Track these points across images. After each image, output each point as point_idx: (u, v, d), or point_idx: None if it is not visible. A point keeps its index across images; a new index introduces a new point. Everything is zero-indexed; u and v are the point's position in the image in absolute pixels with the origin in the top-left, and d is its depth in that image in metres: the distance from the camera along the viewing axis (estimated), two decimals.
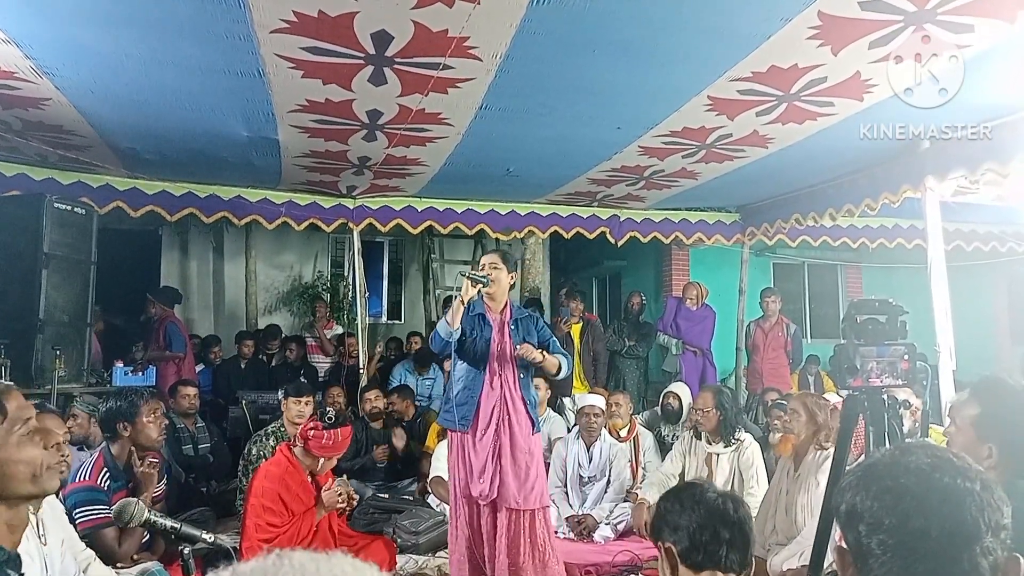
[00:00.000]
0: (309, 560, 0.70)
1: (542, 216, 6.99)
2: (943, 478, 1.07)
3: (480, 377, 3.71)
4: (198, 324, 9.59)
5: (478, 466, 3.66)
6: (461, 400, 3.70)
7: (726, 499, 1.74)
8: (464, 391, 3.72)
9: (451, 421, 3.73)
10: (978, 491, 1.05)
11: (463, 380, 3.74)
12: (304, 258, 10.27)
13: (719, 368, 7.66)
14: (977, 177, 4.63)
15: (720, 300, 7.73)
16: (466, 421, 3.68)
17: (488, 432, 3.69)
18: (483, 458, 3.66)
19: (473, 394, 3.69)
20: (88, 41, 3.36)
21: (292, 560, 0.70)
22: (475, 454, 3.68)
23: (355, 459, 5.61)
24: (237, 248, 9.85)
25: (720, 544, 1.67)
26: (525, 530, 3.66)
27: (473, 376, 3.72)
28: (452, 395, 3.78)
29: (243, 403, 6.58)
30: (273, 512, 3.62)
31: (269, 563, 0.70)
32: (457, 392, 3.74)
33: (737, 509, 1.73)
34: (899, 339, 2.68)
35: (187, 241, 9.87)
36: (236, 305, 9.86)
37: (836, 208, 6.06)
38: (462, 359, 3.75)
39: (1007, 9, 3.03)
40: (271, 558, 0.70)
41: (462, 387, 3.73)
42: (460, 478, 3.73)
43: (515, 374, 3.76)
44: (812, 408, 3.90)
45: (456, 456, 3.76)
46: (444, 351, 3.75)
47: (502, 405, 3.72)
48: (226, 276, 9.98)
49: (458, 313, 3.59)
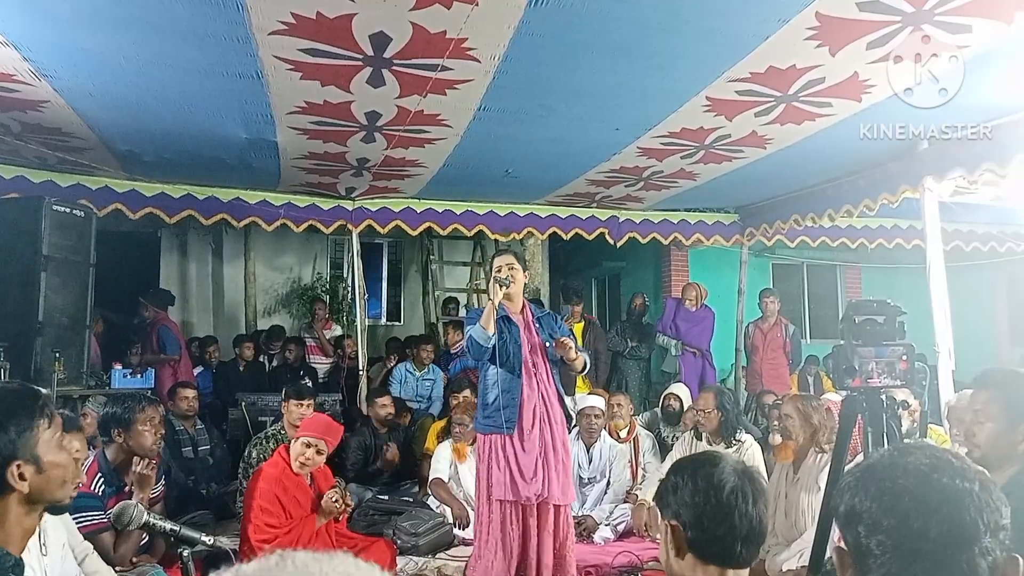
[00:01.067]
0: (312, 560, 0.70)
1: (541, 217, 6.99)
2: (942, 479, 1.07)
3: (518, 378, 3.69)
4: (197, 326, 9.58)
5: (529, 467, 3.64)
6: (504, 403, 3.66)
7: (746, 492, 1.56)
8: (504, 394, 3.67)
9: (494, 426, 3.68)
10: (977, 492, 1.05)
11: (500, 384, 3.69)
12: (303, 260, 10.26)
13: (718, 369, 7.67)
14: (975, 177, 4.63)
15: (719, 301, 7.73)
16: (511, 424, 3.64)
17: (534, 431, 3.68)
18: (533, 458, 3.65)
19: (514, 396, 3.66)
20: (87, 43, 3.37)
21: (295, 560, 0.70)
22: (524, 455, 3.65)
23: (366, 466, 5.60)
24: (236, 250, 9.84)
25: (736, 540, 1.53)
26: (561, 526, 3.70)
27: (510, 378, 3.68)
28: (488, 400, 3.72)
29: (242, 405, 6.57)
30: (270, 513, 3.61)
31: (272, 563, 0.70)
32: (495, 397, 3.69)
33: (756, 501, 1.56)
34: (897, 339, 2.68)
35: (186, 243, 9.86)
36: (235, 307, 9.86)
37: (835, 209, 6.06)
38: (495, 363, 3.71)
39: (1005, 10, 3.03)
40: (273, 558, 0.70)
41: (501, 391, 3.68)
42: (502, 482, 3.66)
43: (548, 370, 3.78)
44: (805, 410, 3.89)
45: (493, 460, 3.69)
46: (483, 357, 3.70)
47: (541, 403, 3.73)
48: (225, 278, 9.98)
49: (492, 317, 3.60)
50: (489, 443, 3.72)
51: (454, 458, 5.10)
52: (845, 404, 2.74)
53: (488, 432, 3.75)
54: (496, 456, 3.69)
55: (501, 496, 3.65)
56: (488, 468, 3.71)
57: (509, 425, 3.64)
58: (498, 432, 3.68)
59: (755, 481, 1.60)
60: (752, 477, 1.59)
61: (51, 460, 1.66)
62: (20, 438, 1.61)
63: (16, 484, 1.60)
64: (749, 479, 1.58)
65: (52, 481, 1.67)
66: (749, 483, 1.57)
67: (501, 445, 3.68)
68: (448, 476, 5.05)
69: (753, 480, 1.59)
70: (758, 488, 1.58)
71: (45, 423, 1.66)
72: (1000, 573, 1.03)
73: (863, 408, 2.67)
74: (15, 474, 1.60)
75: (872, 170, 5.46)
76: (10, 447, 1.60)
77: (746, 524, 1.54)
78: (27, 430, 1.62)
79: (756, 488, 1.58)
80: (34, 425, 1.64)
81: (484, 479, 3.73)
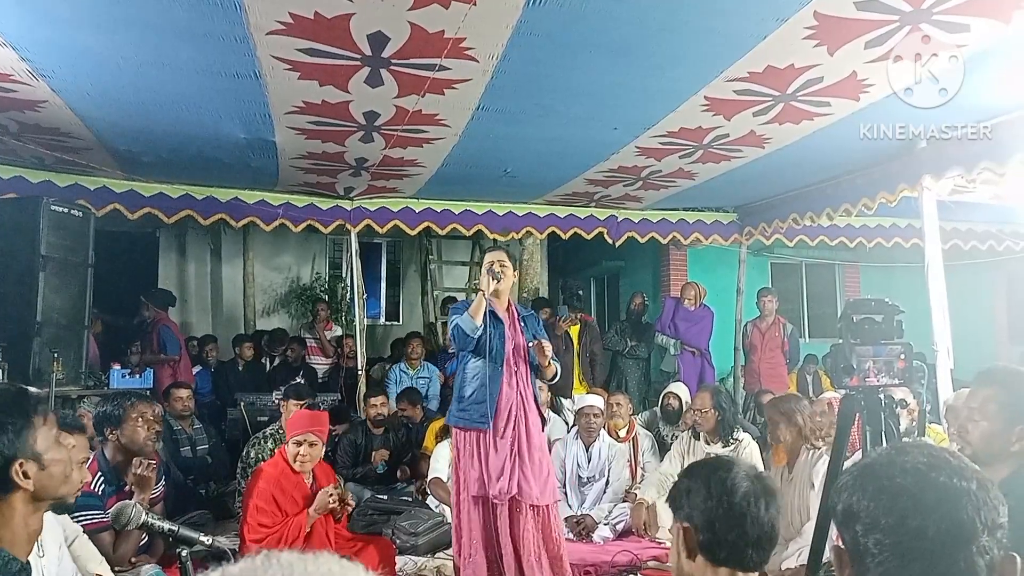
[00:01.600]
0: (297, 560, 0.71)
1: (539, 217, 6.99)
2: (939, 477, 1.07)
3: (498, 374, 3.67)
4: (196, 326, 9.58)
5: (497, 464, 3.62)
6: (479, 398, 3.65)
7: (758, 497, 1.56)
8: (481, 388, 3.65)
9: (467, 420, 3.67)
10: (974, 490, 1.05)
11: (479, 377, 3.68)
12: (302, 260, 10.26)
13: (717, 368, 7.67)
14: (974, 176, 4.63)
15: (718, 300, 7.73)
16: (485, 419, 3.62)
17: (508, 429, 3.66)
18: (503, 456, 3.63)
19: (492, 391, 3.64)
20: (84, 43, 3.36)
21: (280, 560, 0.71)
22: (495, 452, 3.63)
23: (355, 467, 5.60)
24: (235, 250, 9.84)
25: (747, 545, 1.54)
26: (545, 525, 3.67)
27: (490, 373, 3.65)
28: (465, 393, 3.71)
29: (241, 405, 6.57)
30: (265, 513, 3.60)
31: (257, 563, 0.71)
32: (473, 390, 3.68)
33: (769, 506, 1.57)
34: (896, 338, 2.68)
35: (184, 243, 9.86)
36: (234, 307, 9.85)
37: (833, 208, 6.06)
38: (479, 355, 3.69)
39: (1003, 9, 3.03)
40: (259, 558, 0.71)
41: (479, 384, 3.67)
42: (473, 478, 3.66)
43: (527, 371, 3.77)
44: (786, 411, 3.91)
45: (467, 456, 3.69)
46: (467, 347, 3.68)
47: (518, 402, 3.71)
48: (224, 278, 9.97)
49: (481, 307, 3.59)
50: (469, 438, 3.70)
51: (453, 457, 5.10)
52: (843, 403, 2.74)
53: (463, 426, 3.73)
54: (472, 451, 3.68)
55: (475, 492, 3.66)
56: (466, 463, 3.70)
57: (482, 420, 3.62)
58: (473, 427, 3.67)
59: (768, 486, 1.60)
60: (765, 482, 1.60)
61: (52, 456, 1.68)
62: (19, 437, 1.63)
63: (21, 482, 1.62)
64: (762, 484, 1.59)
65: (55, 477, 1.69)
66: (761, 488, 1.58)
67: (475, 440, 3.68)
68: (447, 475, 5.05)
69: (766, 485, 1.60)
70: (771, 493, 1.59)
71: (41, 420, 1.69)
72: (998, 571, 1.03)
73: (861, 407, 2.67)
74: (19, 472, 1.62)
75: (871, 169, 5.47)
76: (11, 447, 1.62)
77: (757, 528, 1.55)
78: (24, 428, 1.64)
79: (768, 493, 1.59)
80: (31, 423, 1.66)
81: (461, 474, 3.72)
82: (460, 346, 3.70)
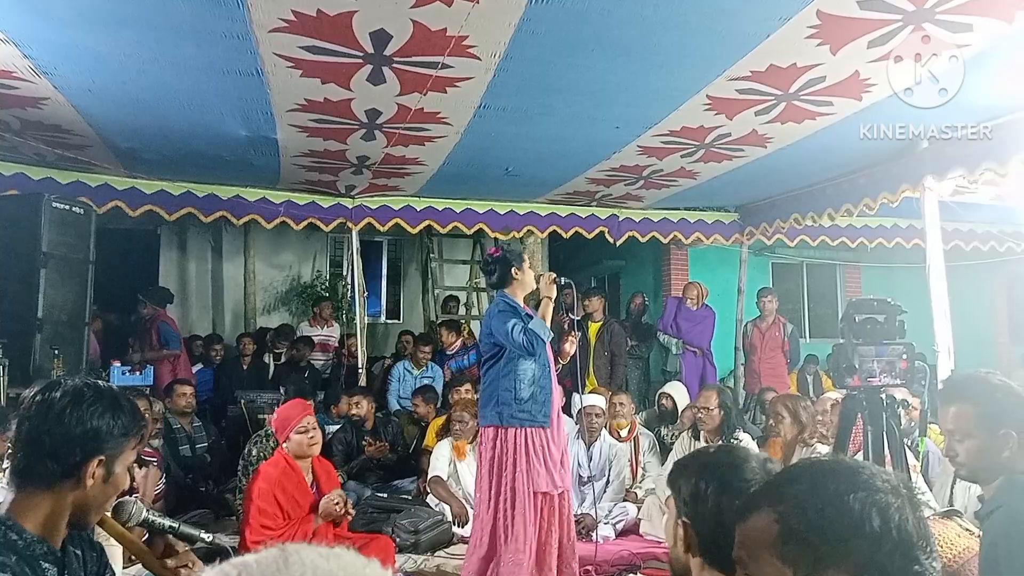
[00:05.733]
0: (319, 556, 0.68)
1: (541, 215, 7.00)
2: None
3: (549, 373, 3.80)
4: (197, 324, 9.58)
5: (556, 458, 3.75)
6: (542, 399, 3.75)
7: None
8: (542, 391, 3.76)
9: (531, 419, 3.72)
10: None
11: (540, 379, 3.76)
12: (303, 258, 10.26)
13: (719, 368, 7.67)
14: (976, 177, 4.63)
15: (719, 300, 7.73)
16: (547, 417, 3.75)
17: (560, 424, 3.85)
18: (561, 450, 3.79)
19: (548, 391, 3.78)
20: (86, 40, 3.36)
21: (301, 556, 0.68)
22: (556, 447, 3.76)
23: (348, 463, 5.60)
24: (236, 248, 9.84)
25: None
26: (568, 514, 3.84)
27: (544, 373, 3.77)
28: (524, 395, 3.74)
29: (242, 403, 6.57)
30: (267, 515, 3.58)
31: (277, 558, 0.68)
32: (533, 392, 3.75)
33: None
34: (897, 338, 2.69)
35: (186, 241, 9.86)
36: (235, 305, 9.85)
37: (835, 208, 6.06)
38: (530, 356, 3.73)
39: (1006, 9, 3.03)
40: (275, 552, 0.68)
41: (540, 387, 3.76)
42: (543, 475, 3.68)
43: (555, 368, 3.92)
44: (794, 409, 3.95)
45: (533, 454, 3.70)
46: (538, 351, 3.74)
47: (559, 396, 3.92)
48: (225, 276, 9.97)
49: (549, 311, 3.77)
50: (525, 436, 3.71)
51: (453, 456, 5.10)
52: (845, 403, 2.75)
53: (522, 426, 3.73)
54: (531, 449, 3.71)
55: (544, 488, 3.68)
56: (527, 461, 3.68)
57: (547, 418, 3.75)
58: (535, 425, 3.73)
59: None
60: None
61: (118, 476, 1.64)
62: (113, 441, 1.60)
63: (87, 479, 1.57)
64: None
65: (106, 497, 1.65)
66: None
67: (535, 438, 3.72)
68: (447, 474, 5.05)
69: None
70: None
71: (134, 443, 1.67)
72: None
73: (863, 407, 2.67)
74: (93, 468, 1.57)
75: (872, 169, 5.46)
76: (106, 443, 1.58)
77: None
78: (123, 436, 1.62)
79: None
80: (129, 437, 1.64)
81: (523, 472, 3.68)
82: (528, 351, 3.72)
